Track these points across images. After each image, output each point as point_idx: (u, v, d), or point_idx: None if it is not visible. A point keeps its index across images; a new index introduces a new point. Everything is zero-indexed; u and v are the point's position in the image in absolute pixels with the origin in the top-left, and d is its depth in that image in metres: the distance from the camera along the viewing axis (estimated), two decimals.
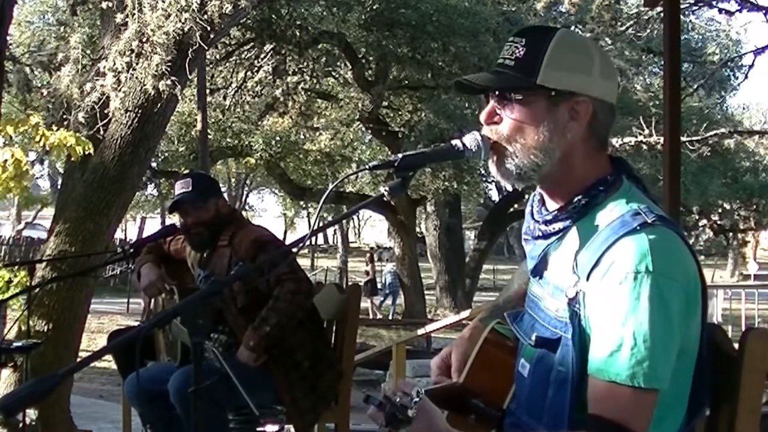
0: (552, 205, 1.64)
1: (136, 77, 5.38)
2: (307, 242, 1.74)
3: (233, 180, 33.04)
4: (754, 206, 17.53)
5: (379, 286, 21.10)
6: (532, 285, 1.72)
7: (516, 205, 21.04)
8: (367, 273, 20.84)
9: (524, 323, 1.70)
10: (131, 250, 3.76)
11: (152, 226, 32.84)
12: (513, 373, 1.74)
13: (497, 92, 1.59)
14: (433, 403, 1.66)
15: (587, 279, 1.51)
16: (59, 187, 7.51)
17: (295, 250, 1.84)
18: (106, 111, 5.50)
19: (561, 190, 1.61)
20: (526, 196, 19.89)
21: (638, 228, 1.48)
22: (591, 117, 1.57)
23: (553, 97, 1.55)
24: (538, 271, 1.66)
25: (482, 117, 1.62)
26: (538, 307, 1.66)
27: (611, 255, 1.48)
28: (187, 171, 14.58)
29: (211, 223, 3.44)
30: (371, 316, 19.03)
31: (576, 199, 1.58)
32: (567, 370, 1.54)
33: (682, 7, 9.71)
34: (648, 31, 14.79)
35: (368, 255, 22.57)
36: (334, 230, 38.20)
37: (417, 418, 1.44)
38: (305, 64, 14.16)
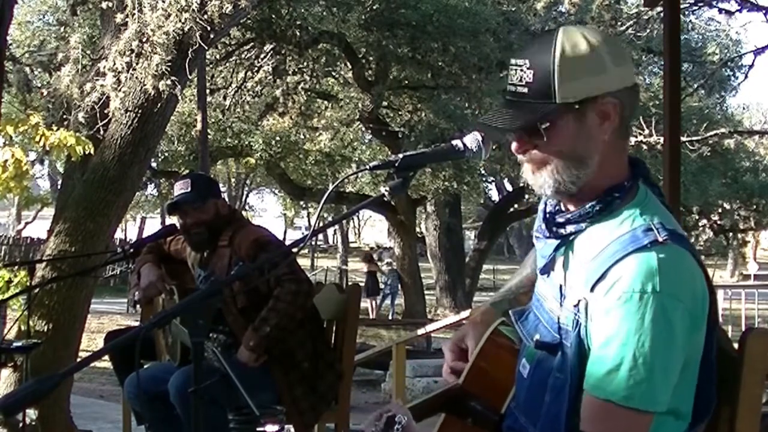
0: (567, 206, 1.61)
1: (136, 77, 5.38)
2: (307, 242, 1.74)
3: (233, 180, 33.02)
4: (754, 206, 17.54)
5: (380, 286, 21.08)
6: (539, 283, 1.70)
7: (516, 205, 21.04)
8: (365, 273, 20.84)
9: (529, 323, 1.69)
10: (131, 250, 3.76)
11: (152, 226, 32.84)
12: (514, 374, 1.73)
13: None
14: (431, 407, 1.66)
15: (591, 290, 1.48)
16: (59, 187, 7.51)
17: (295, 250, 1.84)
18: (106, 111, 5.49)
19: (585, 190, 1.57)
20: (527, 196, 19.93)
21: (648, 246, 1.45)
22: (619, 110, 1.53)
23: (578, 109, 1.51)
24: (546, 270, 1.65)
25: (513, 149, 1.58)
26: (543, 308, 1.65)
27: (618, 271, 1.45)
28: (187, 171, 14.59)
29: (210, 224, 3.44)
30: (371, 316, 19.05)
31: (590, 205, 1.55)
32: (565, 377, 1.52)
33: (682, 7, 9.71)
34: (648, 31, 14.80)
35: (365, 255, 22.57)
36: (334, 230, 38.20)
37: None
38: (305, 64, 14.15)
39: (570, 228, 1.58)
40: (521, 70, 1.53)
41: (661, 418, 1.46)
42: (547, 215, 1.65)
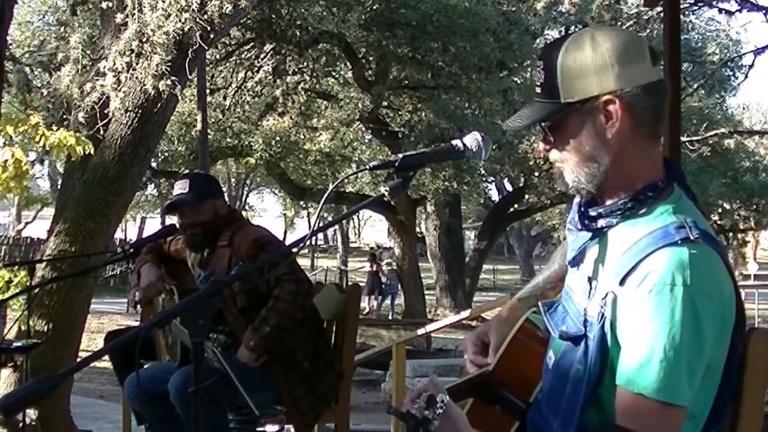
0: (600, 201, 1.62)
1: (136, 77, 5.38)
2: (307, 242, 1.74)
3: (233, 180, 33.02)
4: (754, 206, 17.57)
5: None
6: (569, 275, 1.71)
7: (516, 205, 21.04)
8: (369, 273, 20.84)
9: (557, 314, 1.70)
10: (131, 250, 3.75)
11: (152, 226, 32.84)
12: (543, 365, 1.74)
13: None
14: (461, 392, 1.66)
15: (621, 284, 1.49)
16: (59, 187, 7.51)
17: (295, 250, 1.84)
18: (106, 111, 5.49)
19: (613, 187, 1.58)
20: (527, 196, 19.92)
21: (679, 242, 1.46)
22: (626, 109, 1.53)
23: (580, 109, 1.54)
24: (576, 262, 1.66)
25: (540, 147, 1.65)
26: (571, 300, 1.66)
27: (649, 264, 1.46)
28: (187, 171, 14.57)
29: (208, 225, 3.43)
30: (372, 315, 19.05)
31: (622, 201, 1.56)
32: (585, 369, 1.53)
33: (682, 7, 9.72)
34: (648, 31, 14.80)
35: (369, 255, 22.59)
36: (334, 230, 38.18)
37: (440, 428, 1.43)
38: (305, 64, 14.15)
39: (601, 222, 1.59)
40: (538, 71, 1.60)
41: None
42: (581, 208, 1.66)
